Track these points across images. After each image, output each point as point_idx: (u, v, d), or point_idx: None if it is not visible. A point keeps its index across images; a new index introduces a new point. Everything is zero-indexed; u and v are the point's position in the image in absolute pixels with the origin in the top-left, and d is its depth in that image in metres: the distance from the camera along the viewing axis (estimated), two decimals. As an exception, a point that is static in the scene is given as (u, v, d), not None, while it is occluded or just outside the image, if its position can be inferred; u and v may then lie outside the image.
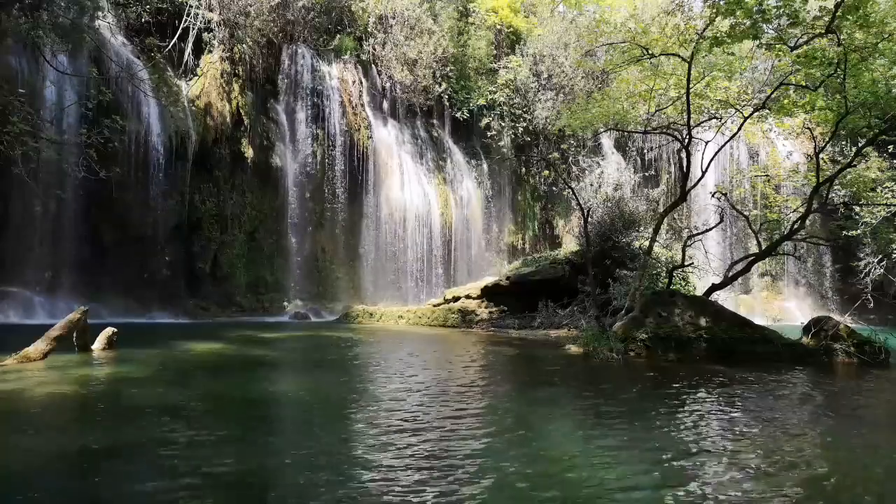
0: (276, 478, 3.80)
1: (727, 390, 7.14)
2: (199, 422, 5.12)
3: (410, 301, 21.79)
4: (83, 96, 15.74)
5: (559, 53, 25.94)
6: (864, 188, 15.39)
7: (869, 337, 10.13)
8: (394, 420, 5.27)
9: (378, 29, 24.23)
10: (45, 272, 16.07)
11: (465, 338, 13.54)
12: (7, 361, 7.50)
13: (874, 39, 10.24)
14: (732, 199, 16.68)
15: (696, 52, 11.42)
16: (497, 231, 26.54)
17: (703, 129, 14.34)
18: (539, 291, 16.68)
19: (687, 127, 12.38)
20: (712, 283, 12.77)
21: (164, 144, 17.87)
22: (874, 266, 20.55)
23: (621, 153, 28.06)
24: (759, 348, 9.98)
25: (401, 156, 24.00)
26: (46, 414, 5.35)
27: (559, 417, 5.68)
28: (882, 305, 20.27)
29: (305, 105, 21.99)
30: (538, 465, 4.10)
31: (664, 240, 20.29)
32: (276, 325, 16.38)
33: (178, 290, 18.32)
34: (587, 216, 13.78)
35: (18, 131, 12.06)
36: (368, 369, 8.76)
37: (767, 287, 26.99)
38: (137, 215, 17.46)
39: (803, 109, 12.43)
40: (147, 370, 7.68)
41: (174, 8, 19.18)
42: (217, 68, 19.95)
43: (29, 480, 3.66)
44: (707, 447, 4.63)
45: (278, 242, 21.08)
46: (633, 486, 3.71)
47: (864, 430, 5.55)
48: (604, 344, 10.10)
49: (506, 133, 26.05)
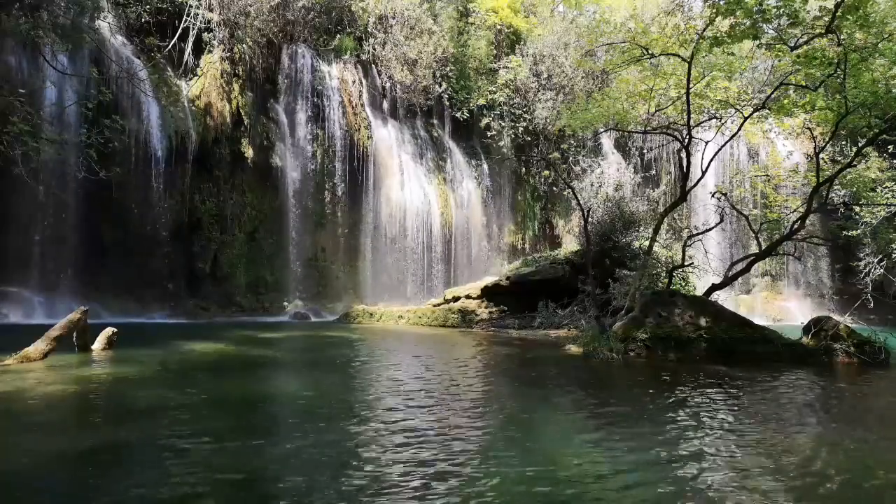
0: (276, 478, 3.80)
1: (727, 390, 7.14)
2: (199, 422, 5.11)
3: (410, 301, 21.79)
4: (83, 96, 15.74)
5: (559, 53, 25.95)
6: (864, 188, 15.40)
7: (869, 337, 10.12)
8: (393, 420, 5.27)
9: (378, 29, 24.23)
10: (45, 272, 16.07)
11: (465, 338, 13.54)
12: (7, 361, 7.50)
13: (874, 39, 10.24)
14: (732, 199, 16.69)
15: (696, 52, 11.42)
16: (497, 231, 26.54)
17: (703, 129, 14.34)
18: (539, 291, 16.68)
19: (687, 127, 12.38)
20: (712, 283, 12.76)
21: (164, 144, 17.88)
22: (874, 266, 20.55)
23: (621, 153, 28.07)
24: (759, 348, 9.97)
25: (401, 156, 24.01)
26: (46, 414, 5.34)
27: (559, 417, 5.68)
28: (882, 305, 20.26)
29: (305, 105, 22.00)
30: (538, 465, 4.09)
31: (664, 240, 20.31)
32: (276, 326, 16.37)
33: (178, 290, 18.33)
34: (587, 216, 13.78)
35: (18, 131, 12.08)
36: (368, 369, 8.76)
37: (767, 287, 26.99)
38: (137, 215, 17.46)
39: (803, 109, 12.43)
40: (147, 370, 7.68)
41: (174, 8, 19.19)
42: (217, 68, 19.95)
43: (29, 480, 3.66)
44: (707, 447, 4.63)
45: (278, 242, 21.08)
46: (633, 487, 3.71)
47: (864, 430, 5.55)
48: (604, 344, 10.10)
49: (506, 133, 26.05)
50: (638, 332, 10.26)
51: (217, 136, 19.63)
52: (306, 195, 21.56)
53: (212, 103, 19.58)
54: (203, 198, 19.20)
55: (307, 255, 21.58)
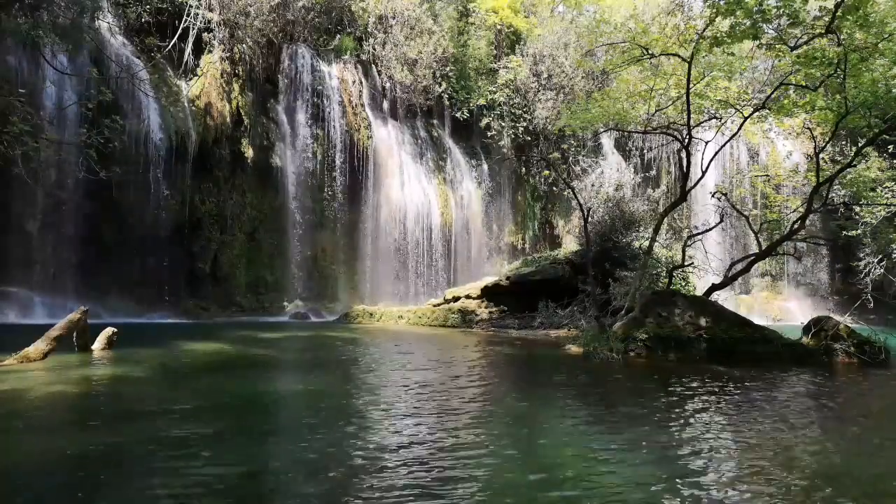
0: (276, 478, 3.80)
1: (727, 390, 7.14)
2: (199, 422, 5.11)
3: (410, 301, 21.79)
4: (83, 96, 15.73)
5: (559, 53, 25.94)
6: (864, 188, 15.39)
7: (869, 337, 10.13)
8: (393, 421, 5.27)
9: (378, 29, 24.23)
10: (45, 272, 16.07)
11: (465, 338, 13.54)
12: (7, 361, 7.50)
13: (874, 39, 10.24)
14: (732, 199, 16.66)
15: (696, 52, 11.41)
16: (497, 231, 26.53)
17: (703, 129, 14.34)
18: (539, 291, 16.68)
19: (687, 127, 12.37)
20: (712, 283, 12.76)
21: (164, 144, 17.88)
22: (874, 266, 20.55)
23: (621, 153, 28.06)
24: (759, 348, 9.97)
25: (401, 156, 24.00)
26: (46, 414, 5.34)
27: (559, 417, 5.68)
28: (882, 305, 20.24)
29: (305, 105, 22.00)
30: (539, 465, 4.09)
31: (664, 240, 20.26)
32: (276, 326, 16.37)
33: (178, 290, 18.33)
34: (587, 216, 13.78)
35: (18, 131, 12.07)
36: (368, 369, 8.75)
37: (767, 287, 26.99)
38: (137, 215, 17.46)
39: (803, 109, 12.42)
40: (147, 370, 7.68)
41: (174, 8, 19.19)
42: (217, 68, 19.95)
43: (29, 480, 3.66)
44: (707, 447, 4.63)
45: (278, 242, 21.08)
46: (633, 487, 3.71)
47: (865, 429, 5.55)
48: (604, 344, 10.10)
49: (506, 133, 26.04)
50: (638, 332, 10.26)
51: (217, 136, 19.63)
52: (306, 195, 21.56)
53: (212, 103, 19.58)
54: (203, 198, 19.20)
55: (307, 255, 21.58)
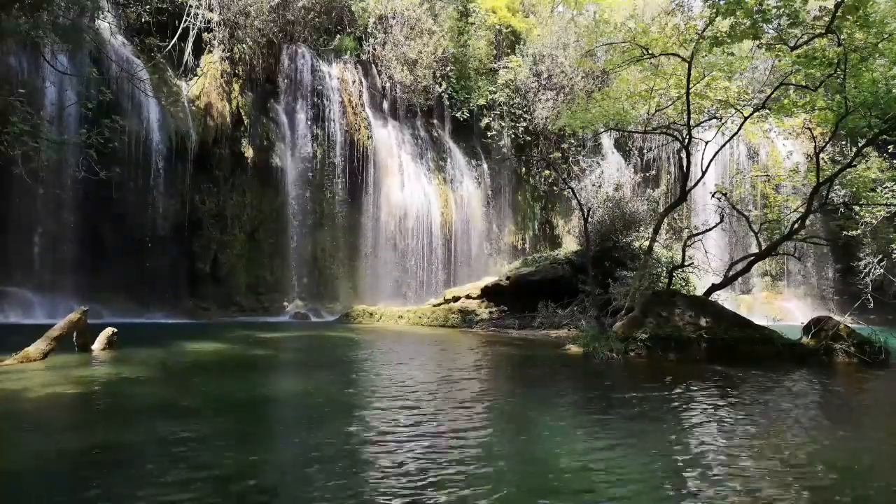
0: (276, 479, 3.80)
1: (728, 391, 7.14)
2: (199, 422, 5.11)
3: (410, 301, 21.79)
4: (83, 96, 15.71)
5: (559, 53, 25.94)
6: (864, 188, 15.37)
7: (869, 337, 10.13)
8: (393, 421, 5.27)
9: (378, 29, 24.23)
10: (45, 272, 16.06)
11: (465, 338, 13.54)
12: (7, 361, 7.50)
13: (874, 39, 10.24)
14: (732, 199, 16.69)
15: (696, 52, 11.42)
16: (497, 231, 26.53)
17: (703, 129, 14.34)
18: (539, 291, 16.67)
19: (687, 127, 12.38)
20: (712, 283, 12.76)
21: (164, 144, 17.86)
22: (874, 266, 20.56)
23: (621, 153, 28.07)
24: (759, 348, 9.98)
25: (401, 156, 24.00)
26: (46, 414, 5.34)
27: (559, 417, 5.68)
28: (882, 305, 20.26)
29: (305, 105, 21.99)
30: (539, 465, 4.09)
31: (664, 240, 20.30)
32: (276, 326, 16.37)
33: (178, 290, 18.31)
34: (587, 216, 13.77)
35: (18, 131, 12.04)
36: (368, 369, 8.75)
37: (767, 287, 26.98)
38: (137, 215, 17.44)
39: (803, 109, 12.44)
40: (147, 370, 7.68)
41: (174, 8, 19.18)
42: (217, 68, 19.94)
43: (29, 480, 3.66)
44: (708, 447, 4.63)
45: (278, 242, 21.06)
46: (633, 487, 3.71)
47: (865, 429, 5.55)
48: (604, 344, 10.10)
49: (506, 133, 26.04)
50: (638, 332, 10.26)
51: (217, 136, 19.61)
52: (306, 195, 21.55)
53: (212, 103, 19.57)
54: (203, 198, 19.19)
55: (307, 255, 21.57)
